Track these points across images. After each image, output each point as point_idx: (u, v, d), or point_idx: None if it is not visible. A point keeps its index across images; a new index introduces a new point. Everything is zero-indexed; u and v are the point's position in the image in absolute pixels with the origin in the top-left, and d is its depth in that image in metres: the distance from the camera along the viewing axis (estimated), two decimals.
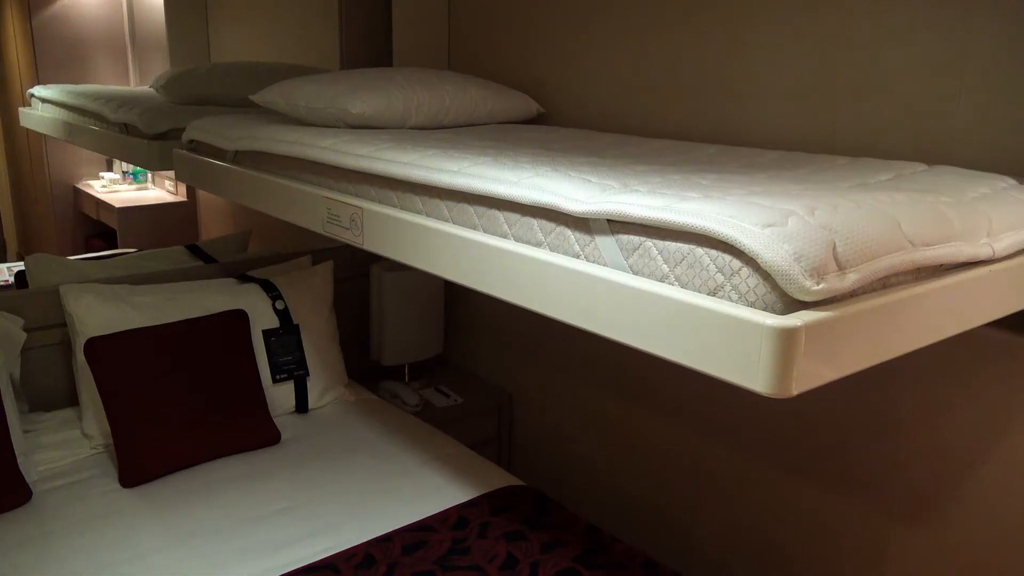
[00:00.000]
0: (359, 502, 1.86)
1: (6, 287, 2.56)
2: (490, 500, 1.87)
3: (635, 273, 1.04)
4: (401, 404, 2.57)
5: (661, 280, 1.01)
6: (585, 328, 1.08)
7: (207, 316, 2.11)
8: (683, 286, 0.99)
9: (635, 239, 1.04)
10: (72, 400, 2.26)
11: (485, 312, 2.79)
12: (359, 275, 2.77)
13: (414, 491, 1.91)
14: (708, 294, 0.95)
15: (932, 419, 1.64)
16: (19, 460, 1.85)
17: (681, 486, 2.18)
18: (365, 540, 1.71)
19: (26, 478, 1.85)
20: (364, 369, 2.83)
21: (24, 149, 4.85)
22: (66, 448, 2.04)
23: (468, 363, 2.92)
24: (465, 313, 2.89)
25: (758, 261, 0.89)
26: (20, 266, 3.15)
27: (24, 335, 2.12)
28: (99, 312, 2.07)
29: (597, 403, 2.40)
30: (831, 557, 1.86)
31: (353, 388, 2.47)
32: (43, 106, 3.41)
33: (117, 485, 1.90)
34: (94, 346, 1.94)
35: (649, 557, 1.67)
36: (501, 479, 1.97)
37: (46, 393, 2.23)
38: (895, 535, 1.74)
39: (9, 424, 1.86)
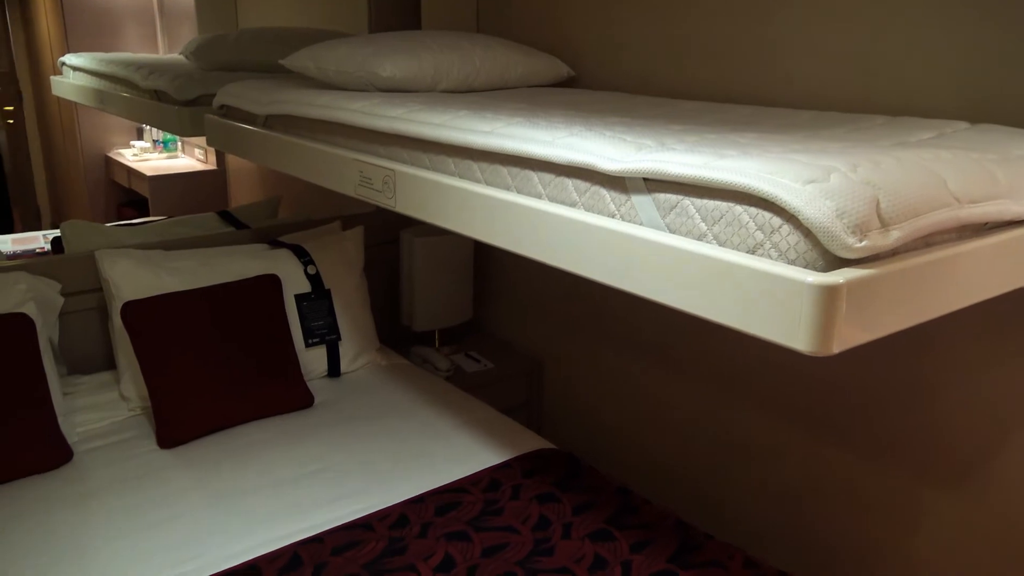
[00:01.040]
0: (392, 464, 1.88)
1: (42, 254, 2.59)
2: (522, 463, 1.88)
3: (672, 232, 1.03)
4: (432, 369, 2.58)
5: (699, 239, 1.00)
6: (622, 288, 1.07)
7: (240, 280, 2.13)
8: (721, 244, 0.97)
9: (672, 198, 1.03)
10: (109, 363, 2.29)
11: (515, 278, 2.79)
12: (389, 241, 2.78)
13: (446, 454, 1.92)
14: (747, 252, 0.94)
15: (969, 383, 1.62)
16: (60, 421, 1.89)
17: (711, 451, 2.18)
18: (398, 501, 1.73)
19: (67, 439, 1.89)
20: (395, 334, 2.85)
21: (56, 118, 4.90)
22: (104, 410, 2.07)
23: (498, 329, 2.92)
24: (495, 279, 2.89)
25: (799, 218, 0.88)
26: (55, 233, 3.19)
27: (62, 299, 2.15)
28: (134, 276, 2.09)
29: (627, 369, 2.40)
30: (862, 523, 1.86)
31: (384, 353, 2.49)
32: (74, 74, 3.44)
33: (155, 446, 1.94)
34: (130, 310, 1.96)
35: (680, 518, 1.67)
36: (533, 442, 1.98)
37: (84, 357, 2.27)
38: (928, 501, 1.72)
39: (50, 386, 1.89)
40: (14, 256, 2.58)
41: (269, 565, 1.52)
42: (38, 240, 3.82)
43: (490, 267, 2.89)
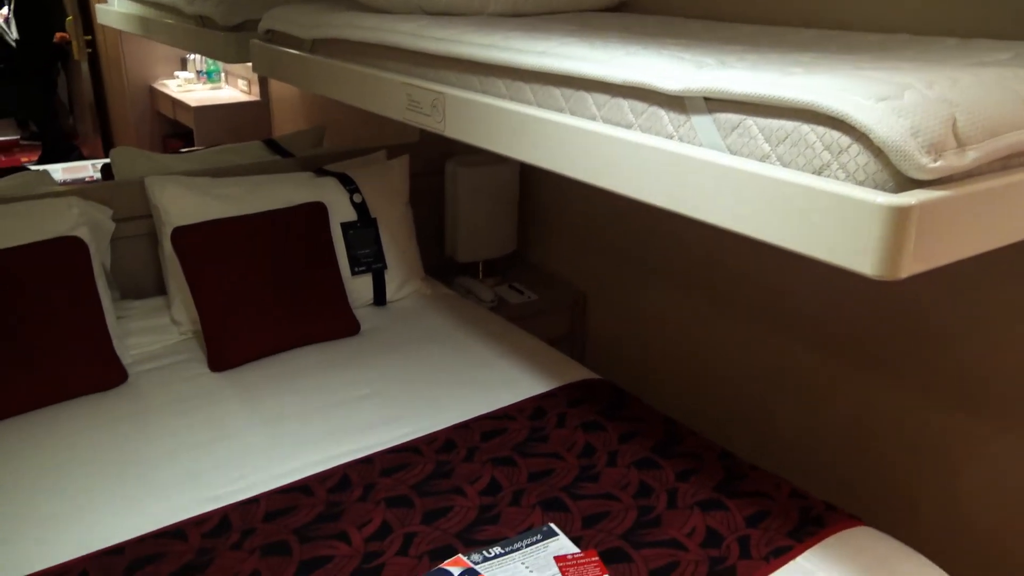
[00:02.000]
0: (438, 391, 1.89)
1: (92, 183, 2.62)
2: (567, 392, 1.88)
3: (733, 154, 1.00)
4: (475, 300, 2.58)
5: (761, 160, 0.97)
6: (680, 212, 1.05)
7: (287, 208, 2.14)
8: (785, 166, 0.94)
9: (734, 118, 1.00)
10: (159, 289, 2.33)
11: (559, 210, 2.76)
12: (434, 171, 2.76)
13: (491, 381, 1.93)
14: (813, 173, 0.91)
15: None
16: (114, 343, 1.93)
17: (758, 384, 2.17)
18: (445, 426, 1.75)
19: (121, 360, 1.93)
20: (438, 266, 2.85)
21: (102, 48, 4.90)
22: (156, 334, 2.11)
23: (542, 261, 2.91)
24: (539, 211, 2.86)
25: (870, 137, 0.85)
26: (103, 163, 3.22)
27: (113, 225, 2.18)
28: (183, 203, 2.10)
29: (673, 301, 2.37)
30: (911, 459, 1.84)
31: (429, 282, 2.49)
32: (119, 2, 3.42)
33: (206, 369, 1.98)
34: (181, 235, 1.98)
35: (725, 449, 1.67)
36: (578, 372, 1.98)
37: (135, 282, 2.30)
38: (980, 440, 1.70)
39: (104, 309, 1.93)
40: (65, 184, 2.61)
41: (320, 485, 1.55)
42: (87, 169, 3.86)
43: (535, 199, 2.87)
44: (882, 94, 0.87)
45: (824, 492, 2.05)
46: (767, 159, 0.96)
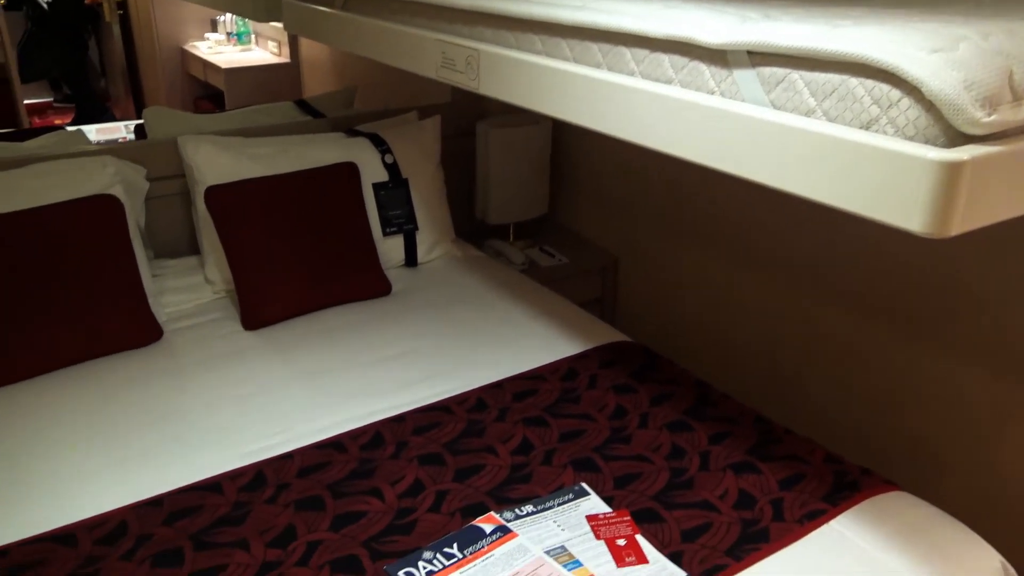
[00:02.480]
0: (469, 351, 1.90)
1: (126, 143, 2.63)
2: (599, 354, 1.88)
3: (777, 109, 0.98)
4: (506, 263, 2.58)
5: (806, 115, 0.95)
6: (722, 169, 1.03)
7: (319, 168, 2.14)
8: (831, 121, 0.92)
9: (779, 71, 0.97)
10: (193, 248, 2.35)
11: (591, 173, 2.73)
12: (465, 133, 2.74)
13: (523, 343, 1.93)
14: (860, 128, 0.89)
15: None
16: (150, 301, 1.95)
17: (791, 350, 2.15)
18: (476, 386, 1.75)
19: (157, 318, 1.95)
20: (469, 228, 2.84)
21: (133, 11, 4.90)
22: (190, 292, 2.13)
23: (573, 224, 2.89)
24: (571, 174, 2.84)
25: (922, 90, 0.82)
26: (136, 123, 3.23)
27: (147, 184, 2.19)
28: (217, 162, 2.11)
29: (706, 265, 2.35)
30: (947, 424, 1.82)
31: (460, 244, 2.49)
32: None
33: (239, 327, 1.99)
34: (214, 194, 1.99)
35: (759, 414, 1.66)
36: (609, 334, 1.97)
37: (168, 241, 2.32)
38: (1016, 405, 1.67)
39: (140, 267, 1.95)
40: (99, 145, 2.63)
41: (352, 442, 1.56)
42: (120, 130, 3.89)
43: (566, 161, 2.84)
44: (935, 46, 0.84)
45: (857, 458, 2.03)
46: (812, 114, 0.94)
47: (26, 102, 4.53)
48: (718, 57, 1.05)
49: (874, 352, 1.93)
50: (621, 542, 1.31)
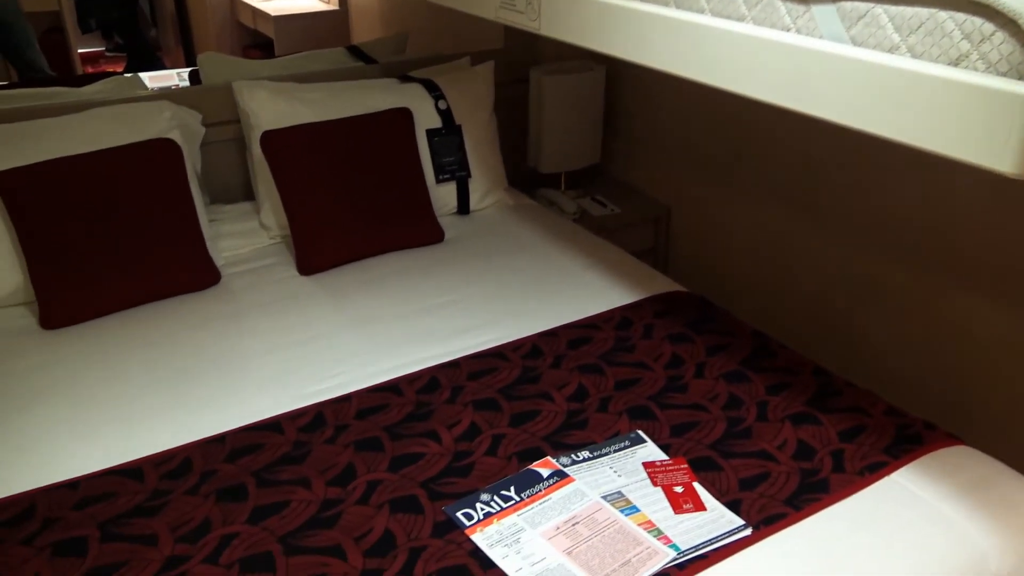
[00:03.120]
0: (523, 299, 1.89)
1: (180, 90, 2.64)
2: (653, 303, 1.86)
3: (857, 45, 0.94)
4: (558, 212, 2.56)
5: (889, 52, 0.91)
6: (797, 110, 1.00)
7: (374, 113, 2.12)
8: (916, 57, 0.88)
9: (861, 6, 0.93)
10: (247, 194, 2.37)
11: (644, 121, 2.69)
12: (517, 80, 2.70)
13: (577, 291, 1.92)
14: (948, 65, 0.85)
15: None
16: (208, 245, 1.97)
17: (849, 301, 2.10)
18: (530, 334, 1.75)
19: (215, 262, 1.98)
20: (521, 177, 2.82)
21: None
22: (246, 237, 2.15)
23: (625, 174, 2.85)
24: (624, 122, 2.79)
25: (1019, 23, 0.78)
26: (190, 70, 3.24)
27: (203, 129, 2.21)
28: (271, 107, 2.11)
29: (760, 215, 2.31)
30: (1012, 377, 1.77)
31: (512, 193, 2.47)
32: None
33: (295, 272, 2.01)
34: (270, 139, 1.99)
35: (819, 365, 1.63)
36: (664, 284, 1.95)
37: (223, 187, 2.34)
38: None
39: (198, 211, 1.97)
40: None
41: (408, 385, 1.57)
42: (174, 78, 3.91)
43: (620, 110, 2.79)
44: None
45: (919, 412, 2.00)
46: (896, 51, 0.90)
47: (79, 51, 4.57)
48: None
49: (936, 303, 1.89)
50: (678, 489, 1.31)
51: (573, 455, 1.38)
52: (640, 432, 1.44)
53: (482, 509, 1.27)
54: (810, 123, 2.08)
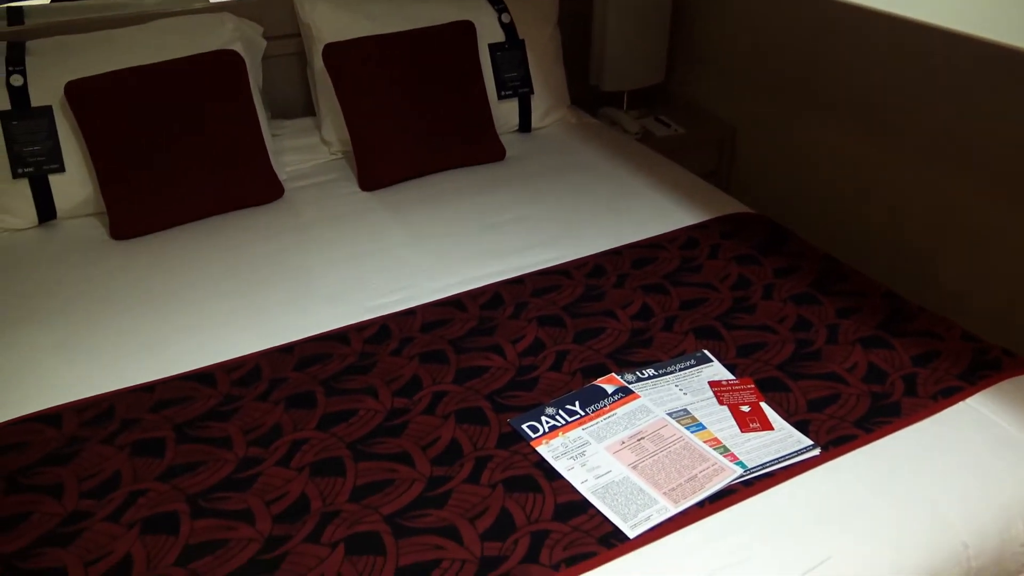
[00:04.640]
0: (586, 218, 1.87)
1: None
2: (720, 224, 1.82)
3: None
4: (621, 131, 2.50)
5: None
6: (885, 10, 0.94)
7: (436, 26, 2.08)
8: None
9: None
10: (308, 110, 2.35)
11: (710, 39, 2.59)
12: None
13: (641, 211, 1.89)
14: None
15: None
16: (271, 159, 1.98)
17: (922, 225, 2.04)
18: (594, 252, 1.73)
19: (278, 176, 1.98)
20: (582, 96, 2.76)
21: None
22: (307, 152, 2.15)
23: (690, 94, 2.77)
24: (689, 40, 2.70)
25: None
26: None
27: (264, 42, 2.19)
28: (333, 19, 2.08)
29: (829, 137, 2.23)
30: None
31: (574, 111, 2.42)
32: None
33: (356, 188, 2.01)
34: (332, 52, 1.97)
35: (891, 289, 1.59)
36: (731, 205, 1.90)
37: (284, 102, 2.33)
38: None
39: (261, 124, 1.97)
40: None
41: (472, 301, 1.57)
42: None
43: (685, 27, 2.70)
44: None
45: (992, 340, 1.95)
46: None
47: None
48: None
49: (1011, 229, 1.81)
50: (745, 408, 1.30)
51: (638, 372, 1.38)
52: (706, 351, 1.43)
53: (547, 422, 1.27)
54: (892, 37, 1.98)
